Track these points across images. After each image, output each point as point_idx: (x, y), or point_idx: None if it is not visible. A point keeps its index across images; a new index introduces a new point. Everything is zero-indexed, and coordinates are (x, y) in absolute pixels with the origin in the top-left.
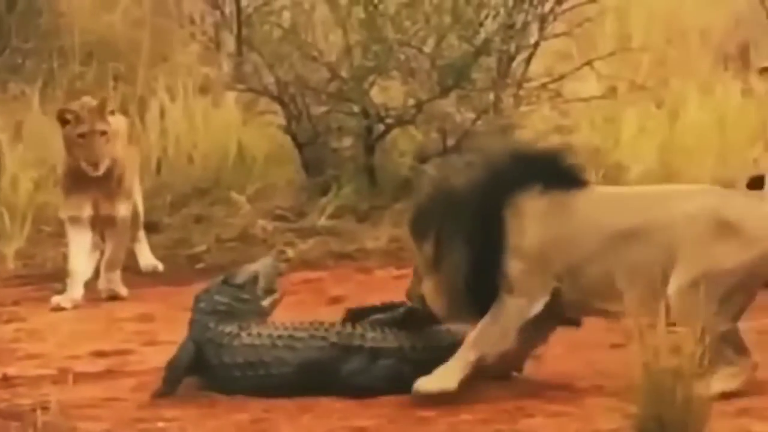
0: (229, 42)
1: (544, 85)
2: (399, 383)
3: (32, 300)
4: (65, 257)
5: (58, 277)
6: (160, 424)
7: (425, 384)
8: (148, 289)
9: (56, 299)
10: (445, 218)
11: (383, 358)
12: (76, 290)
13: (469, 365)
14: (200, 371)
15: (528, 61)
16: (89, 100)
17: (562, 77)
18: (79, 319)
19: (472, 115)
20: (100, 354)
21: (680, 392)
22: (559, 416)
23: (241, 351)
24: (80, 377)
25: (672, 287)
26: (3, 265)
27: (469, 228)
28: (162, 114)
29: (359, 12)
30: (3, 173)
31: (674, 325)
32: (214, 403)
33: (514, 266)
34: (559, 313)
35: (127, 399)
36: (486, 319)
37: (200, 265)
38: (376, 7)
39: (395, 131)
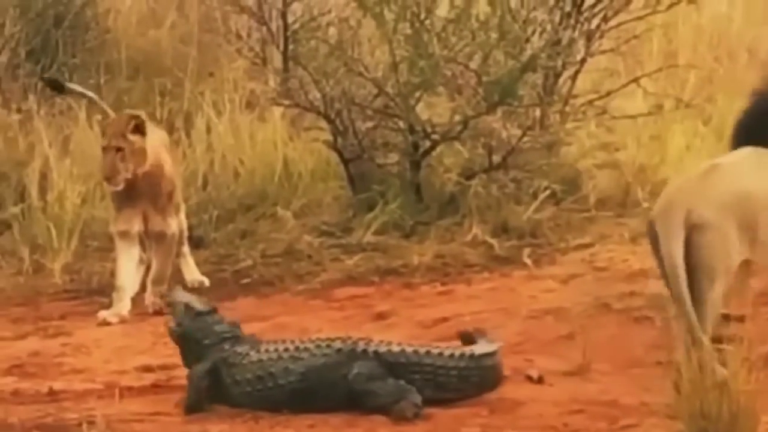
0: (276, 58)
1: (590, 102)
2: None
3: (79, 314)
4: (112, 272)
5: (105, 291)
6: None
7: None
8: None
9: (102, 314)
10: None
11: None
12: (123, 305)
13: None
14: (216, 392)
15: (574, 77)
16: (125, 114)
17: (608, 94)
18: (125, 333)
19: (518, 132)
20: (147, 369)
21: (726, 408)
22: None
23: (250, 367)
24: (126, 392)
25: None
26: (50, 280)
27: None
28: (208, 129)
29: (406, 28)
30: (50, 188)
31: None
32: (258, 418)
33: None
34: None
35: (173, 413)
36: None
37: (246, 281)
38: (422, 23)
39: (441, 147)
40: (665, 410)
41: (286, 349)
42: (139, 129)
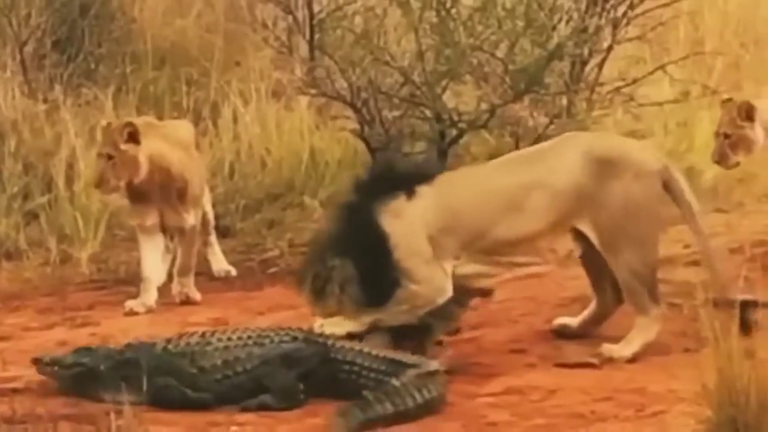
0: (302, 47)
1: (617, 89)
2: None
3: (106, 304)
4: (138, 261)
5: (132, 281)
6: (233, 428)
7: (330, 327)
8: (221, 294)
9: (130, 304)
10: (316, 254)
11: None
12: (149, 295)
13: (364, 325)
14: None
15: (601, 65)
16: (117, 122)
17: (635, 81)
18: (152, 323)
19: (545, 120)
20: None
21: (755, 396)
22: (631, 421)
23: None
24: None
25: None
26: (77, 270)
27: (348, 248)
28: (235, 119)
29: (432, 16)
30: (77, 178)
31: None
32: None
33: (410, 259)
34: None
35: None
36: (394, 300)
37: (273, 270)
38: (448, 11)
39: (468, 136)
40: (693, 398)
41: (249, 337)
42: (133, 137)
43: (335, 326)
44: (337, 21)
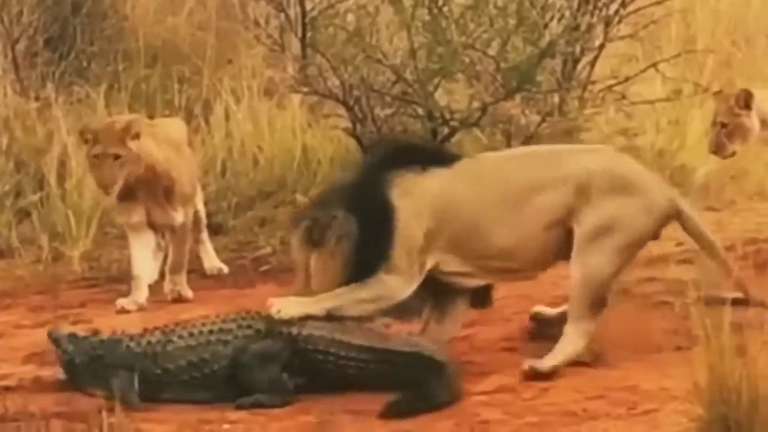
0: (294, 44)
1: (609, 88)
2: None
3: (98, 302)
4: (130, 259)
5: (124, 279)
6: (225, 426)
7: (286, 309)
8: (213, 292)
9: (121, 302)
10: (323, 201)
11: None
12: (140, 293)
13: (323, 310)
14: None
15: (593, 63)
16: (118, 119)
17: (627, 79)
18: (144, 321)
19: (537, 118)
20: None
21: (746, 394)
22: (623, 419)
23: (176, 355)
24: None
25: (578, 235)
26: (69, 268)
27: (355, 205)
28: (227, 116)
29: (424, 14)
30: (69, 176)
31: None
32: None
33: (399, 247)
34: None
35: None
36: (362, 287)
37: (265, 268)
38: (440, 9)
39: (460, 134)
40: (685, 395)
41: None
42: (138, 135)
43: (291, 308)
44: (329, 19)
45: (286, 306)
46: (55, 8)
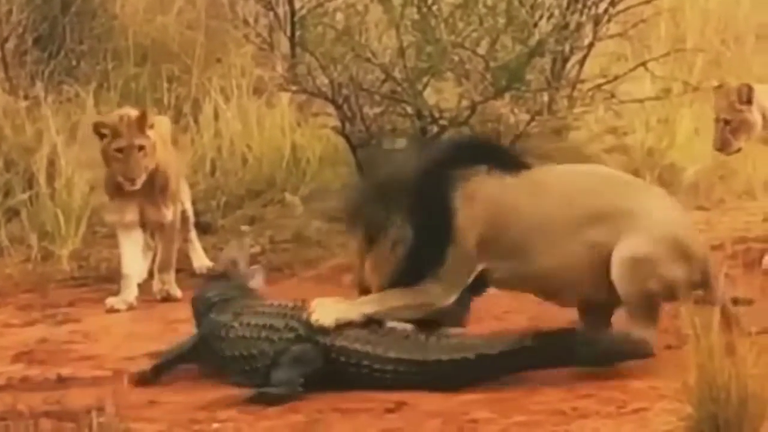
0: (283, 43)
1: (598, 87)
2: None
3: (87, 301)
4: (120, 258)
5: (113, 278)
6: (215, 425)
7: (324, 316)
8: None
9: (110, 301)
10: (381, 198)
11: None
12: (130, 292)
13: (361, 315)
14: (214, 363)
15: (582, 62)
16: (128, 112)
17: (616, 78)
18: (133, 320)
19: (526, 117)
20: (155, 355)
21: (735, 393)
22: (613, 418)
23: (236, 343)
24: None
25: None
26: (58, 267)
27: (415, 208)
28: (216, 115)
29: (413, 13)
30: (58, 175)
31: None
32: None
33: (452, 253)
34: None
35: (182, 400)
36: (405, 293)
37: (254, 267)
38: (429, 8)
39: (449, 132)
40: (674, 394)
41: (264, 326)
42: (152, 125)
43: (328, 315)
44: (318, 18)
45: (325, 312)
46: (45, 7)
